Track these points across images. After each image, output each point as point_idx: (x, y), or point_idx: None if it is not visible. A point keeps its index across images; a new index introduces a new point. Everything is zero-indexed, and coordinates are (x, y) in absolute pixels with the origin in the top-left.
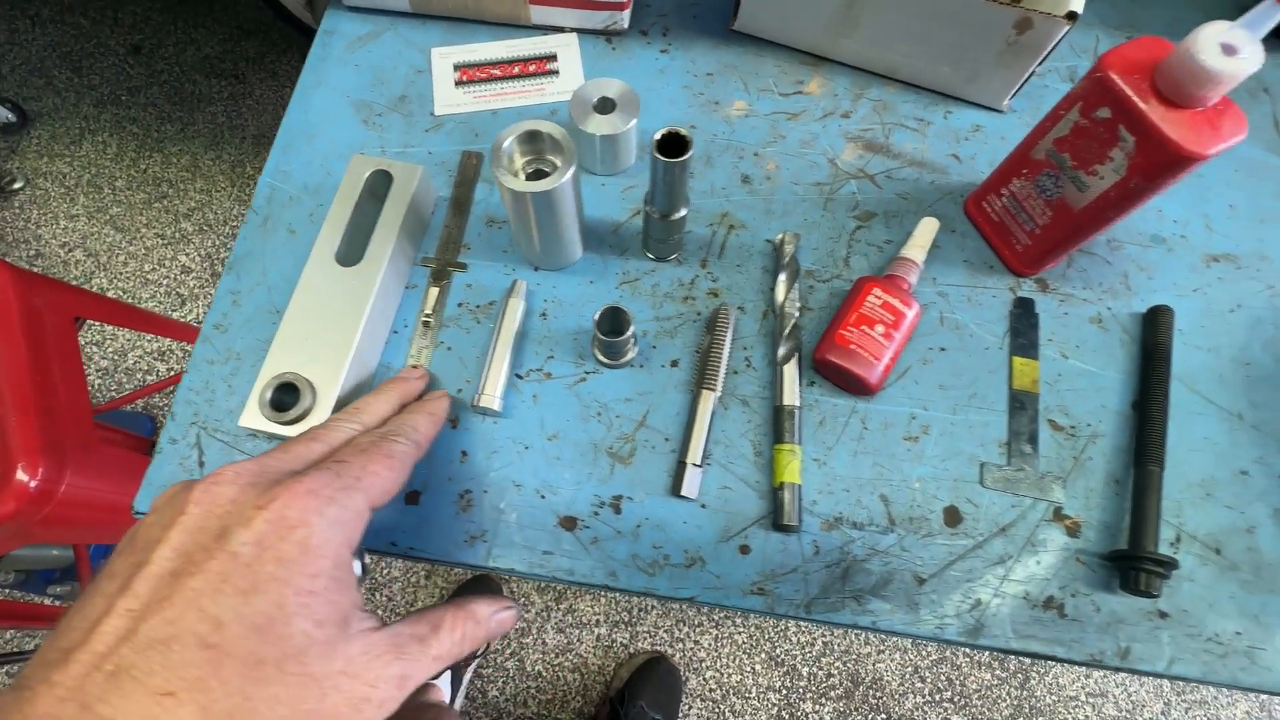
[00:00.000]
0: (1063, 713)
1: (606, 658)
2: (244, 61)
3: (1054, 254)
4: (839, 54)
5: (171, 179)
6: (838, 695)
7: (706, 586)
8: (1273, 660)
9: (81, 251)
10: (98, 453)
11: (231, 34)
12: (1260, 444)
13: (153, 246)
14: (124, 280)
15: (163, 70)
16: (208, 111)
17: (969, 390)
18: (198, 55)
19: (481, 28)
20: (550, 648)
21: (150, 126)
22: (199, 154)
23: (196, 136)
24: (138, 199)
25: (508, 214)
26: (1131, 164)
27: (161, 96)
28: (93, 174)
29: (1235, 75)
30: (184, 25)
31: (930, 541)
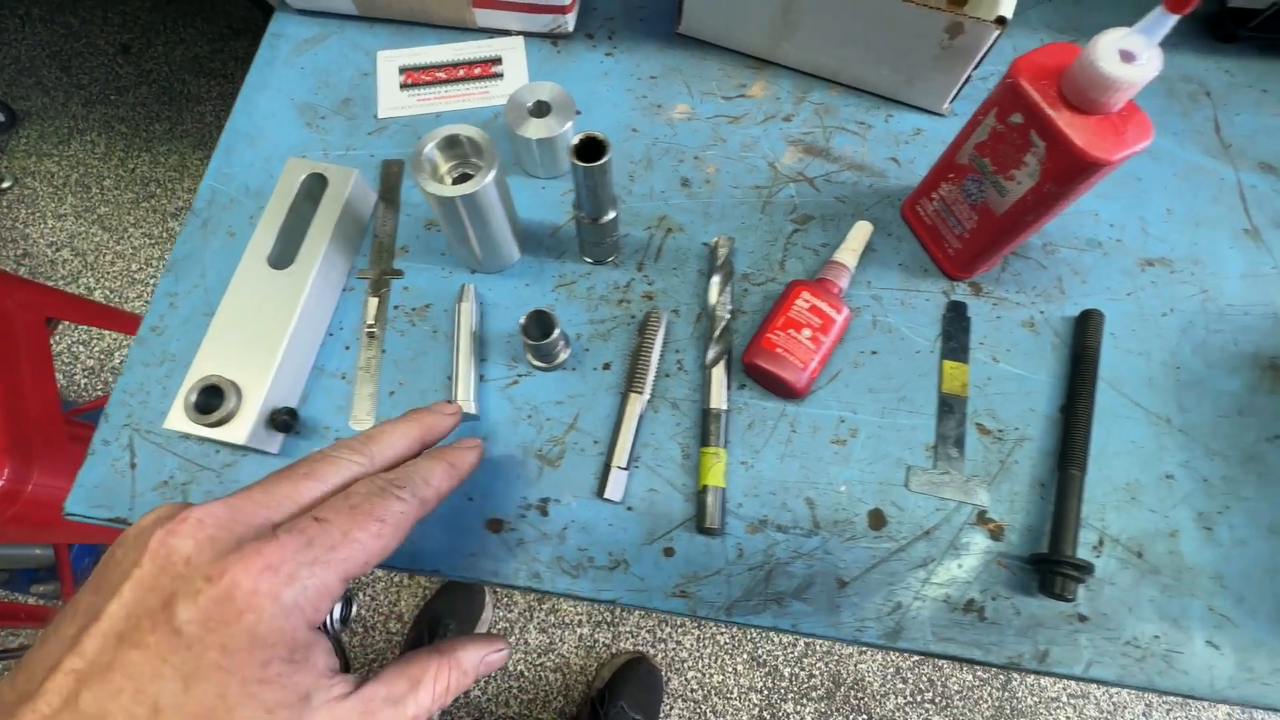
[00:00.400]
0: (1044, 714)
1: (589, 658)
2: (233, 61)
3: (983, 258)
4: (782, 57)
5: (159, 179)
6: (819, 696)
7: (630, 589)
8: (1189, 664)
9: (69, 251)
10: (68, 452)
11: (220, 33)
12: (1187, 448)
13: (140, 246)
14: (111, 280)
15: (152, 70)
16: (196, 111)
17: (898, 394)
18: (187, 55)
19: (428, 30)
20: (533, 647)
21: (139, 126)
22: (187, 154)
23: (185, 136)
24: (126, 198)
25: (438, 219)
26: (1044, 169)
27: (150, 96)
28: (81, 173)
29: (1134, 82)
30: (173, 25)
31: (854, 544)
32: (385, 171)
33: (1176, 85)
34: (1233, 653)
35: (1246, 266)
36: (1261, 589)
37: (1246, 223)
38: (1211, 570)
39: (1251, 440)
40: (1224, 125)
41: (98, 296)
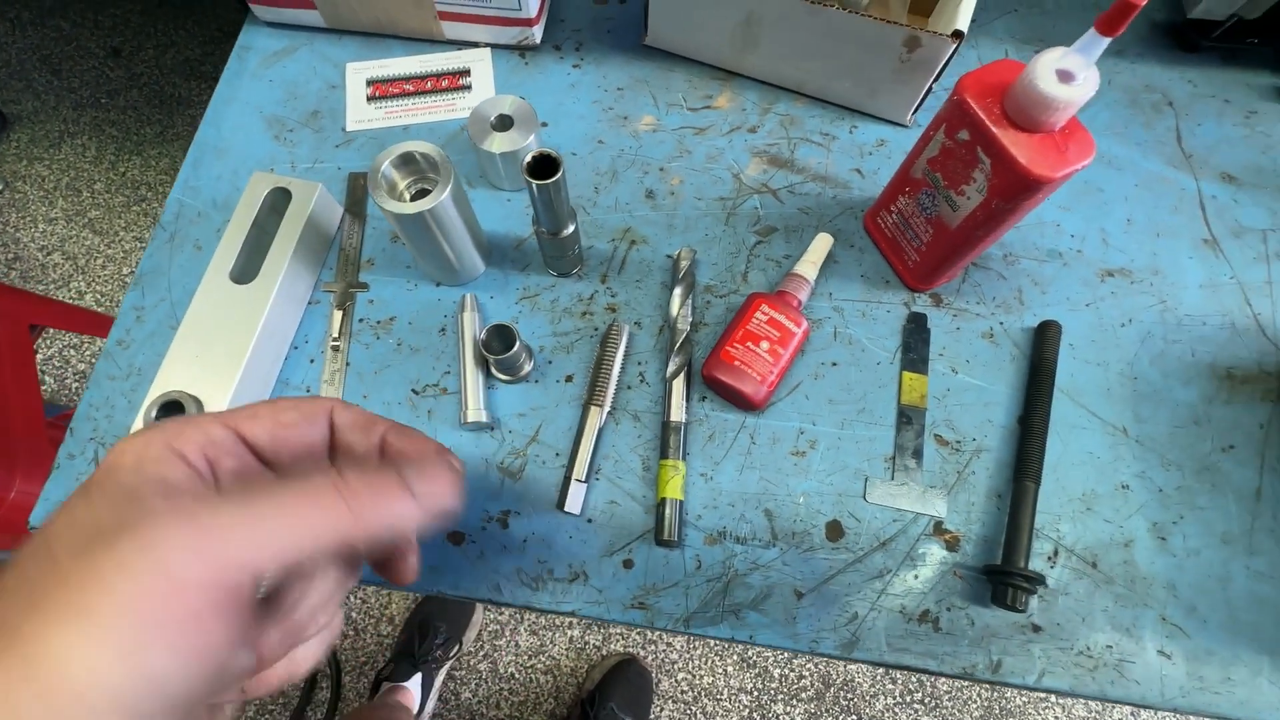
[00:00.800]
0: (1033, 713)
1: (579, 660)
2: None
3: (942, 270)
4: (747, 69)
5: (150, 182)
6: (809, 697)
7: (588, 601)
8: (1141, 673)
9: (60, 255)
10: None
11: (211, 36)
12: (1142, 458)
13: (131, 250)
14: (102, 284)
15: (142, 73)
16: (187, 114)
17: (858, 405)
18: (177, 58)
19: (396, 43)
20: (523, 649)
21: (130, 129)
22: (178, 157)
23: (176, 139)
24: (117, 202)
25: (399, 234)
26: (991, 185)
27: (141, 99)
28: (72, 177)
29: (1072, 101)
30: (164, 28)
31: (811, 556)
32: (352, 185)
33: (1140, 95)
34: (1184, 662)
35: (1205, 277)
36: (1213, 599)
37: (1206, 233)
38: (1165, 580)
39: (1206, 450)
40: (1186, 135)
41: (89, 300)
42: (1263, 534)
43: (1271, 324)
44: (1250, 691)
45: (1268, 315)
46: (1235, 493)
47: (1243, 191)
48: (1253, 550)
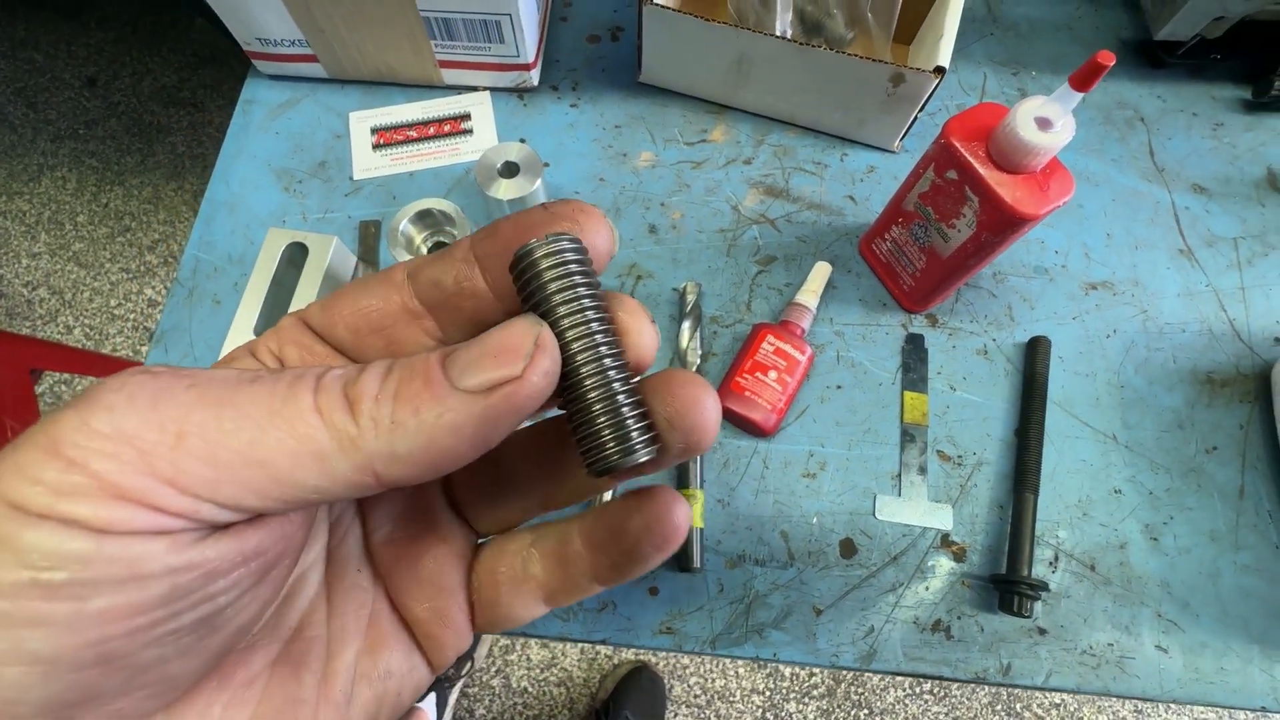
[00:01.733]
0: (1040, 698)
1: (591, 670)
2: (202, 89)
3: (936, 293)
4: (740, 102)
5: (134, 212)
6: (820, 694)
7: (618, 629)
8: (1141, 668)
9: (45, 290)
10: None
11: (188, 62)
12: (1132, 463)
13: (118, 281)
14: (90, 317)
15: (120, 102)
16: (167, 142)
17: (864, 426)
18: (155, 85)
19: (397, 90)
20: (535, 663)
21: (110, 160)
22: (160, 185)
23: (157, 168)
24: (100, 234)
25: None
26: (979, 221)
27: (120, 128)
28: (53, 210)
29: (1052, 147)
30: (139, 55)
31: (827, 573)
32: (363, 233)
33: (1114, 112)
34: (1180, 655)
35: (1183, 285)
36: (1205, 594)
37: (1181, 243)
38: (1159, 578)
39: (1191, 453)
40: (1157, 149)
41: (77, 334)
42: (1247, 530)
43: (1246, 328)
44: (1243, 680)
45: (1242, 320)
46: (1220, 492)
47: (1213, 201)
48: (1239, 546)
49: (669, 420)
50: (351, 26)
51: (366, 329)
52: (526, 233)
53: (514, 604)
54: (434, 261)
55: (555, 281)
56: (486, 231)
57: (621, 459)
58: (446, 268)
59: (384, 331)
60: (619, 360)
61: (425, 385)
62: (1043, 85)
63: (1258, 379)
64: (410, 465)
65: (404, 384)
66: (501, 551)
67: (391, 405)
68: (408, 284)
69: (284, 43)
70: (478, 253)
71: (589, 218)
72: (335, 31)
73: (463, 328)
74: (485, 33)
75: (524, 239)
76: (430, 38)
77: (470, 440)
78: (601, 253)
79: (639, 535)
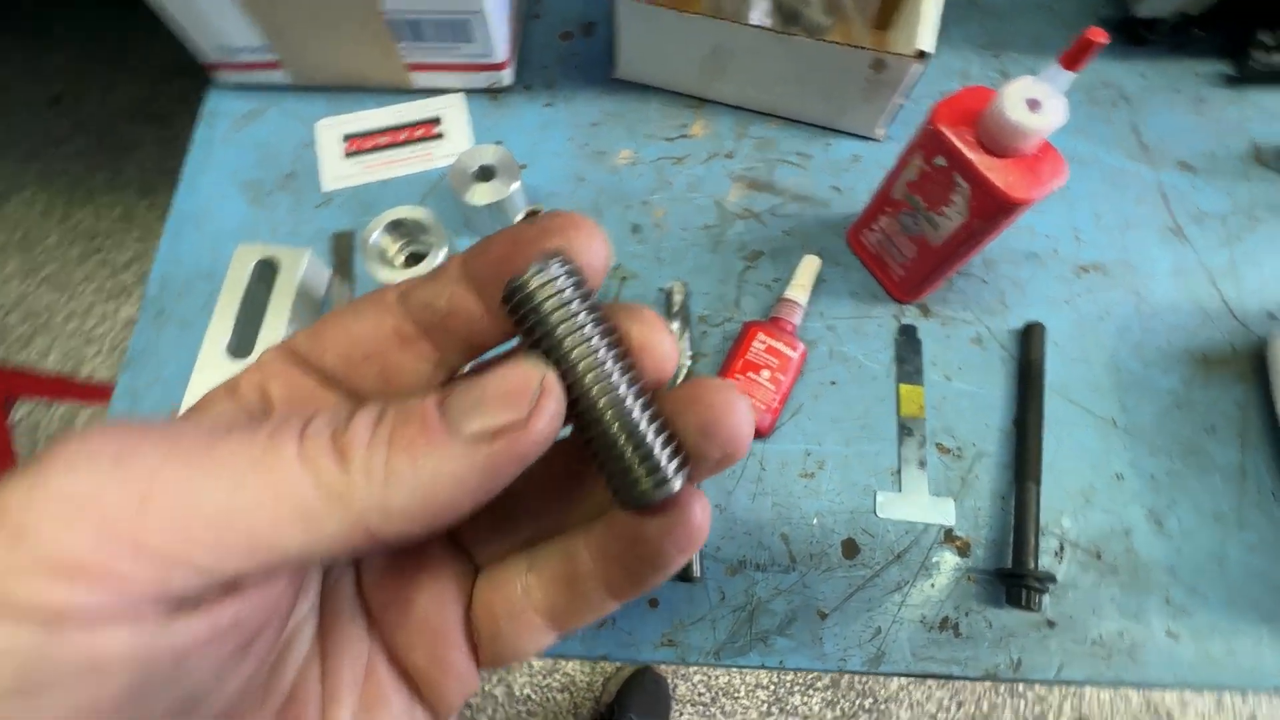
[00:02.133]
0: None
1: (594, 673)
2: (171, 103)
3: (928, 282)
4: (718, 95)
5: (106, 231)
6: (824, 685)
7: (619, 644)
8: (1152, 656)
9: (18, 314)
10: None
11: (155, 76)
12: (1132, 447)
13: (93, 302)
14: (66, 340)
15: (86, 119)
16: (137, 158)
17: (860, 421)
18: (122, 100)
19: (367, 95)
20: (537, 670)
21: (79, 179)
22: (132, 203)
23: (128, 185)
24: (73, 255)
25: None
26: (971, 207)
27: (88, 146)
28: (23, 233)
29: (1043, 129)
30: (104, 71)
31: (830, 575)
32: (336, 245)
33: (1098, 92)
34: (1191, 640)
35: (1174, 264)
36: (1211, 576)
37: (1170, 221)
38: (1165, 563)
39: (1190, 434)
40: (1142, 128)
41: (54, 358)
42: (1250, 509)
43: (1239, 305)
44: (1254, 660)
45: (1235, 297)
46: (1221, 472)
47: (1200, 178)
48: (1243, 525)
49: (703, 430)
50: (316, 30)
51: (359, 356)
52: (517, 249)
53: (518, 637)
54: (426, 283)
55: (554, 314)
56: (478, 249)
57: (656, 490)
58: (439, 289)
59: (377, 357)
60: (635, 384)
61: (423, 431)
62: (1025, 66)
63: (1253, 356)
64: (407, 520)
65: (399, 430)
66: (496, 582)
67: (386, 453)
68: (399, 306)
69: (245, 50)
70: (469, 271)
71: (582, 231)
72: (299, 36)
73: (460, 350)
74: (454, 33)
75: (516, 257)
76: (397, 40)
77: (472, 492)
78: (598, 269)
79: (658, 537)
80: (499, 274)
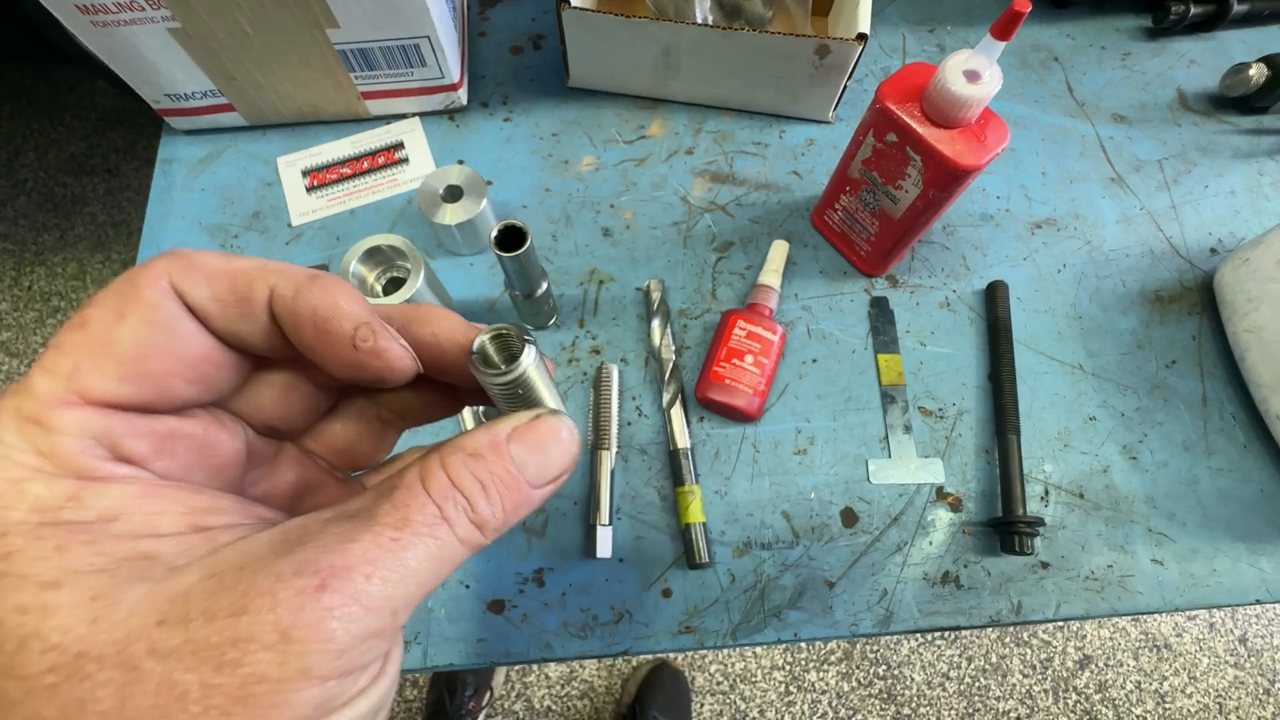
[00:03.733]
0: (1043, 626)
1: (612, 676)
2: (114, 153)
3: (893, 254)
4: (672, 94)
5: (61, 290)
6: (838, 659)
7: (637, 637)
8: (1141, 584)
9: None
10: None
11: (94, 127)
12: (1101, 390)
13: None
14: None
15: (27, 178)
16: (85, 213)
17: (844, 394)
18: (62, 155)
19: (323, 128)
20: (554, 679)
21: (25, 240)
22: (85, 259)
23: (79, 241)
24: (28, 319)
25: None
26: (925, 179)
27: (31, 206)
28: None
29: (983, 98)
30: (40, 127)
31: (833, 545)
32: None
33: (1029, 55)
34: (1175, 564)
35: (1119, 212)
36: (1187, 502)
37: (1111, 172)
38: (1143, 495)
39: (1154, 370)
40: (1075, 85)
41: None
42: (1215, 435)
43: (1183, 244)
44: (1235, 578)
45: (1178, 236)
46: (1184, 403)
47: (1134, 128)
48: (1210, 451)
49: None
50: (265, 70)
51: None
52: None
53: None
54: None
55: (540, 379)
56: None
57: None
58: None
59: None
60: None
61: (519, 495)
62: (959, 39)
63: (1201, 290)
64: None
65: (507, 496)
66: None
67: (503, 517)
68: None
69: (196, 95)
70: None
71: (431, 317)
72: (249, 77)
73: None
74: (405, 58)
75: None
76: (349, 70)
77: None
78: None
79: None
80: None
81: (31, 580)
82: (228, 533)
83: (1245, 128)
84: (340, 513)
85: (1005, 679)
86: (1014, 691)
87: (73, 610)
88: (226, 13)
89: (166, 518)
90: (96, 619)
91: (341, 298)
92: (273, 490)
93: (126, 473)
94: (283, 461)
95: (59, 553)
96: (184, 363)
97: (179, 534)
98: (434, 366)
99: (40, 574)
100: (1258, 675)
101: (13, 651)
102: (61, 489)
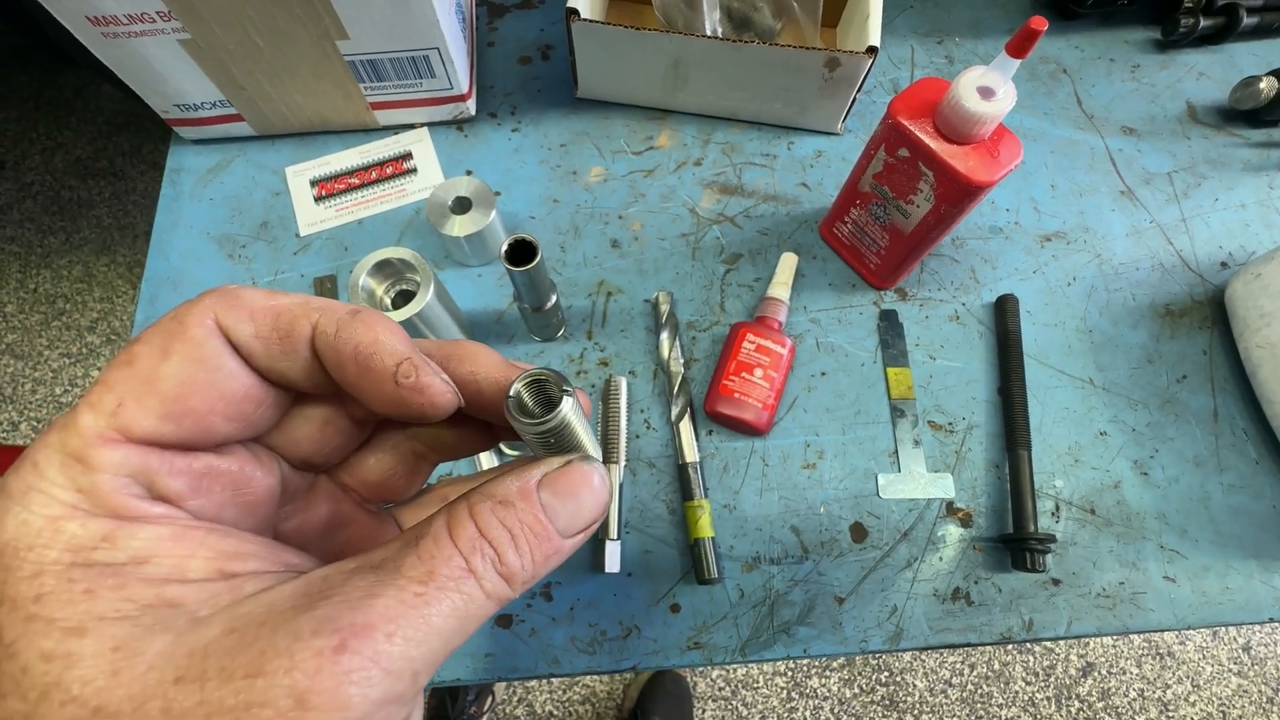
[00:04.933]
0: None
1: (613, 682)
2: (120, 157)
3: (903, 268)
4: (680, 105)
5: (66, 293)
6: (840, 665)
7: (645, 653)
8: (1154, 601)
9: None
10: None
11: (100, 131)
12: (1111, 404)
13: (60, 368)
14: (35, 409)
15: (34, 182)
16: (91, 216)
17: (854, 408)
18: (68, 159)
19: (331, 138)
20: (556, 685)
21: (31, 244)
22: (91, 262)
23: (84, 244)
24: (33, 321)
25: None
26: (937, 194)
27: (38, 209)
28: None
29: (997, 114)
30: (47, 131)
31: (842, 560)
32: (319, 290)
33: (1038, 68)
34: (1187, 581)
35: (1129, 225)
36: (1199, 519)
37: (1121, 185)
38: (1155, 511)
39: (1164, 385)
40: (1084, 98)
41: (24, 430)
42: (1227, 450)
43: (1193, 258)
44: (1248, 595)
45: (1188, 250)
46: (1196, 418)
47: (1143, 141)
48: (1222, 467)
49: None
50: (274, 81)
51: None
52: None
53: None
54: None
55: (579, 425)
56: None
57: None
58: None
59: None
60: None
61: (549, 546)
62: (967, 51)
63: (1212, 304)
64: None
65: (537, 547)
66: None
67: (532, 570)
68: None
69: (205, 105)
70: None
71: (472, 353)
72: (258, 88)
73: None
74: (415, 69)
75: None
76: (359, 81)
77: None
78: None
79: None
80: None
81: (59, 625)
82: (254, 580)
83: (1255, 141)
84: (365, 563)
85: (1008, 686)
86: (1016, 699)
87: (94, 661)
88: (237, 25)
89: (195, 561)
90: (117, 671)
91: (384, 333)
92: (305, 524)
93: (160, 512)
94: (316, 495)
95: (87, 597)
96: (225, 399)
97: (205, 580)
98: (471, 403)
99: (67, 619)
100: (1261, 684)
101: (35, 700)
102: (96, 528)
